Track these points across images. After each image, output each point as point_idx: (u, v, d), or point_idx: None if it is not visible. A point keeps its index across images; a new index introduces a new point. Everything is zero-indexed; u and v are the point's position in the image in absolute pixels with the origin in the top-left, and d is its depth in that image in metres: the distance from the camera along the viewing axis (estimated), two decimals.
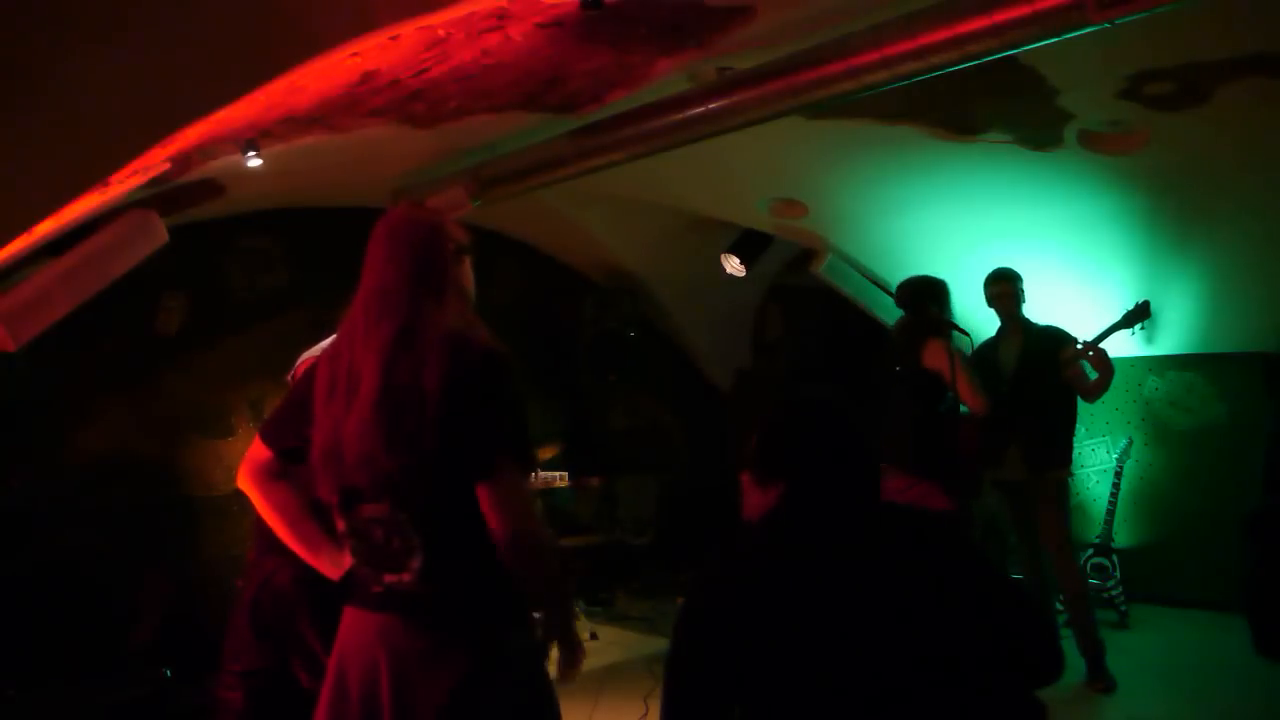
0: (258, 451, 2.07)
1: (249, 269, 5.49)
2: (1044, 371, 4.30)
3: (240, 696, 2.42)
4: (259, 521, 2.42)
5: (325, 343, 3.43)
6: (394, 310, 1.94)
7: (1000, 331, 4.51)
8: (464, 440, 1.84)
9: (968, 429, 4.06)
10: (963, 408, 4.03)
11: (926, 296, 4.12)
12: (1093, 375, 4.37)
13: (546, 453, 5.98)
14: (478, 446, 1.85)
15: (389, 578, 1.91)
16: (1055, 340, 4.37)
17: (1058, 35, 2.78)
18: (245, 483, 2.08)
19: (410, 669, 1.86)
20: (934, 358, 3.99)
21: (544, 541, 1.90)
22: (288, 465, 2.07)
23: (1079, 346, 4.26)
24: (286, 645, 2.40)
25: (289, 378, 3.45)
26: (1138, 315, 4.33)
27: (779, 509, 1.72)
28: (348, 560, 2.01)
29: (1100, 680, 4.17)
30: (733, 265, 6.21)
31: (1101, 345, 4.29)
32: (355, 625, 1.95)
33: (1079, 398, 4.39)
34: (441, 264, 2.02)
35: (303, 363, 3.40)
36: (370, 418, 1.87)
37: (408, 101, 3.62)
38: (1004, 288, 4.42)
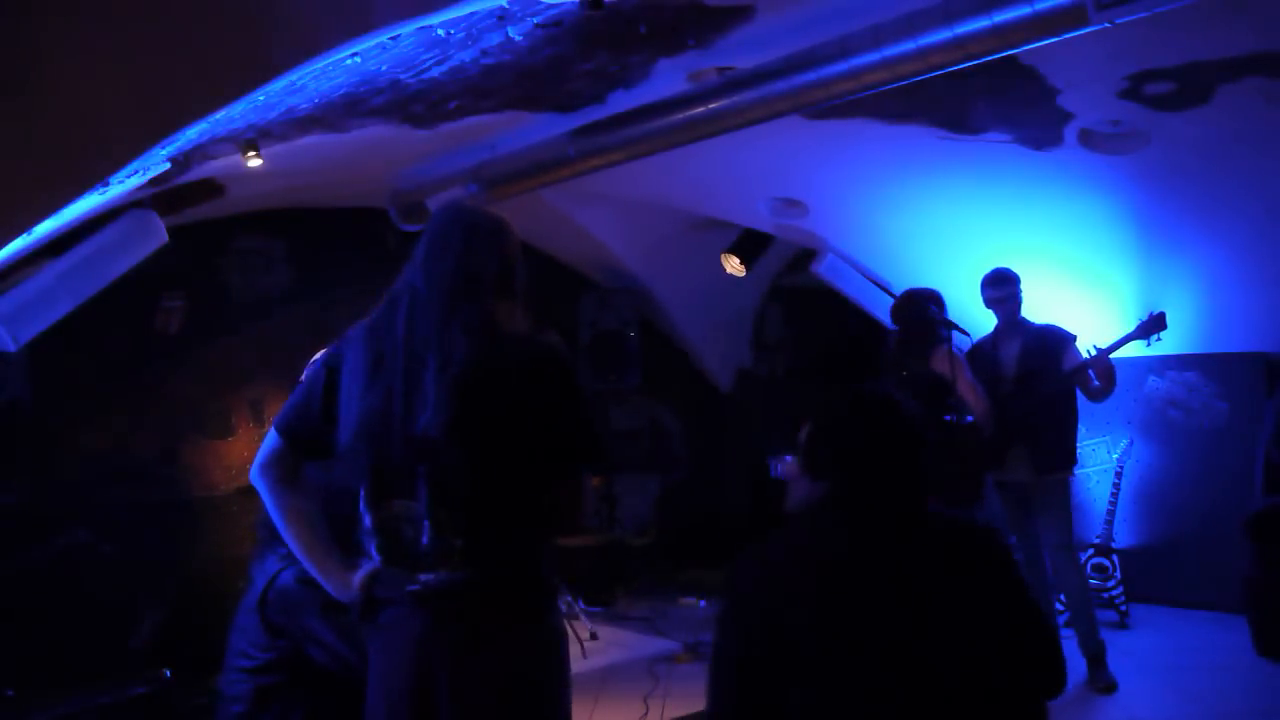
0: (270, 444, 2.01)
1: (249, 269, 5.49)
2: (1046, 372, 4.29)
3: (247, 693, 2.41)
4: (264, 517, 2.39)
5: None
6: (478, 293, 1.94)
7: (997, 331, 4.49)
8: (540, 435, 1.87)
9: (970, 436, 4.08)
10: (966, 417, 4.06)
11: (929, 304, 4.16)
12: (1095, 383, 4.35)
13: None
14: (560, 445, 1.89)
15: (424, 575, 1.88)
16: (1054, 340, 4.36)
17: (1058, 35, 2.78)
18: (257, 480, 2.02)
19: (463, 661, 1.85)
20: (941, 363, 4.04)
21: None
22: (300, 461, 2.02)
23: (1091, 354, 4.23)
24: (298, 640, 2.38)
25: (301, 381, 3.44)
26: (1153, 326, 4.28)
27: (825, 503, 1.73)
28: (356, 583, 1.96)
29: (1100, 680, 4.17)
30: (733, 265, 6.21)
31: (1109, 355, 4.25)
32: (396, 626, 1.91)
33: (1082, 397, 4.38)
34: (517, 261, 2.05)
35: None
36: (439, 397, 1.84)
37: (408, 101, 3.62)
38: (1006, 290, 4.40)
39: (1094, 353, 4.21)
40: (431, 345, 1.89)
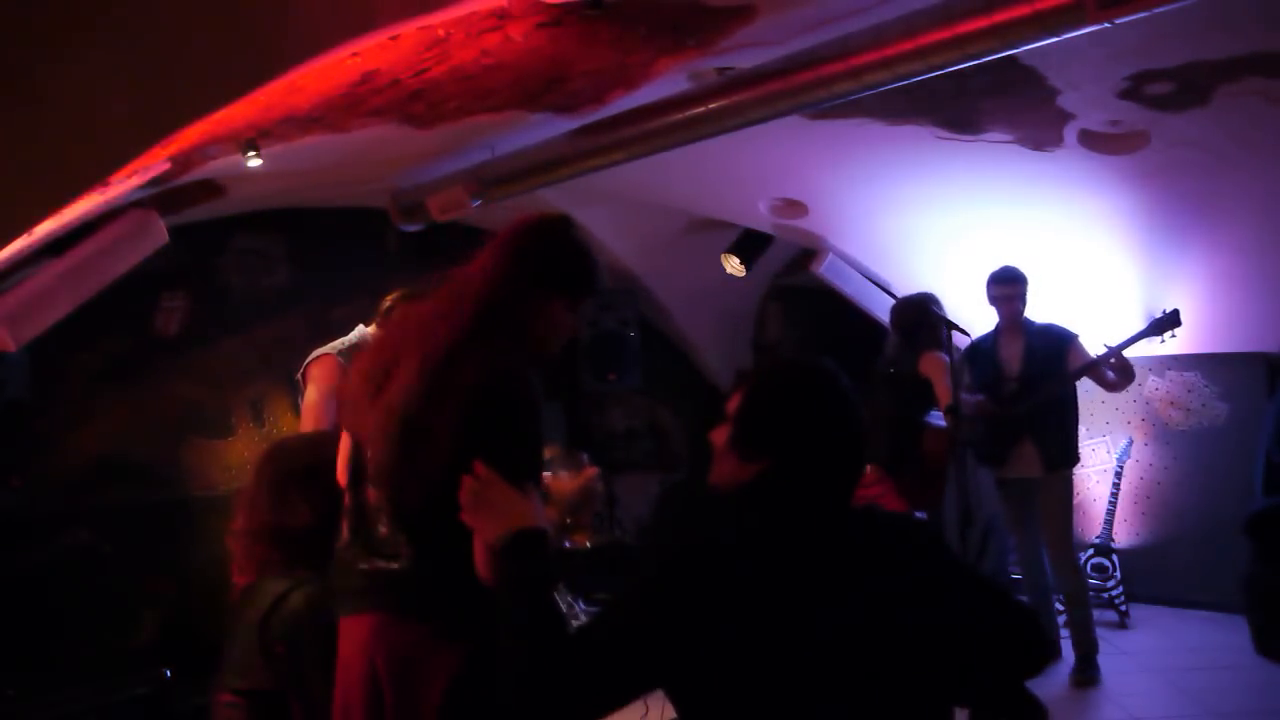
0: None
1: (249, 269, 5.49)
2: (1052, 371, 4.30)
3: (241, 715, 2.32)
4: (273, 530, 2.29)
5: (338, 342, 3.44)
6: (442, 332, 1.84)
7: (998, 330, 4.50)
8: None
9: (937, 440, 4.12)
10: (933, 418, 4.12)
11: (929, 308, 4.19)
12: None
13: (547, 453, 5.97)
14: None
15: (379, 563, 1.88)
16: (1056, 338, 4.38)
17: (1058, 35, 2.78)
18: None
19: (407, 666, 1.84)
20: (929, 367, 4.09)
21: None
22: None
23: (1104, 352, 4.24)
24: (289, 673, 2.23)
25: (298, 376, 3.44)
26: (1167, 323, 4.27)
27: (759, 488, 1.53)
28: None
29: (1085, 676, 4.17)
30: (733, 265, 6.21)
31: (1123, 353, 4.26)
32: (348, 632, 1.92)
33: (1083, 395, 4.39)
34: (519, 300, 1.86)
35: (312, 361, 3.40)
36: (386, 436, 1.83)
37: (408, 101, 3.62)
38: (1011, 289, 4.40)
39: (1106, 350, 4.22)
40: (392, 379, 1.88)
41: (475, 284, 1.87)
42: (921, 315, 4.20)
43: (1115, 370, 4.26)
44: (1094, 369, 4.27)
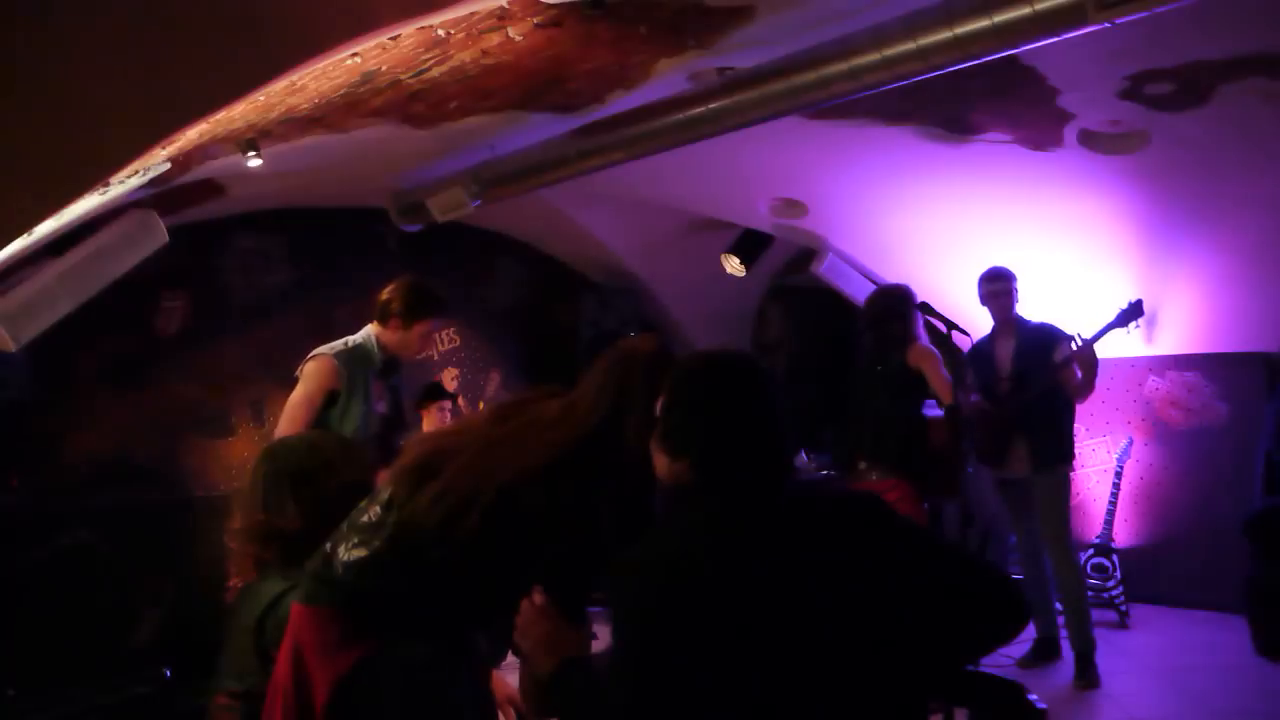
0: None
1: (249, 269, 5.49)
2: (1040, 369, 4.32)
3: (237, 718, 2.31)
4: (269, 530, 2.28)
5: (339, 342, 3.44)
6: (499, 457, 1.83)
7: (994, 330, 4.54)
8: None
9: (940, 429, 4.12)
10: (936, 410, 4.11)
11: (906, 303, 4.21)
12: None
13: None
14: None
15: (340, 551, 1.89)
16: (1049, 337, 4.39)
17: (1058, 35, 2.78)
18: None
19: (308, 659, 1.86)
20: (917, 358, 4.09)
21: None
22: None
23: (1074, 345, 4.27)
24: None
25: (296, 373, 3.44)
26: (1132, 314, 4.34)
27: (688, 486, 1.55)
28: None
29: (1084, 678, 4.17)
30: (733, 265, 6.21)
31: (1094, 345, 4.28)
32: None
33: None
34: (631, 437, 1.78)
35: (309, 359, 3.41)
36: (444, 497, 1.83)
37: (408, 101, 3.62)
38: (999, 286, 4.45)
39: (1078, 345, 4.24)
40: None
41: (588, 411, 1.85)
42: (892, 306, 4.23)
43: (1082, 366, 4.25)
44: (1066, 367, 4.27)
